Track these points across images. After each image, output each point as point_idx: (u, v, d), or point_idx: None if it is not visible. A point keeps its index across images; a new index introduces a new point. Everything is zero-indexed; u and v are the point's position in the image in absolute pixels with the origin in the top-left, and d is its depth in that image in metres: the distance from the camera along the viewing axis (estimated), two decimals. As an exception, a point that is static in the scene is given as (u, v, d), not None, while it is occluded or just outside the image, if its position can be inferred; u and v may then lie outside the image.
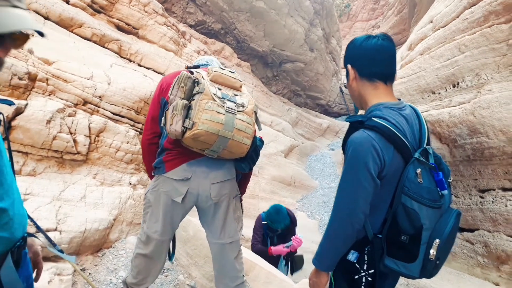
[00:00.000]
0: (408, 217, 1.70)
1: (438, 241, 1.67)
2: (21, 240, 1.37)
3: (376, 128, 1.68)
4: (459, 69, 2.51)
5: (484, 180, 2.37)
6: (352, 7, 29.38)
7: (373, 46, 1.82)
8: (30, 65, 4.25)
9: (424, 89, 2.90)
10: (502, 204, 2.20)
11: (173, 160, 2.60)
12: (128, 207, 4.82)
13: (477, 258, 2.39)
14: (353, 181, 1.74)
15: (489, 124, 2.18)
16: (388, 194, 1.76)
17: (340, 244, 1.82)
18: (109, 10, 7.63)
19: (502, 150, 2.15)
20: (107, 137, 5.04)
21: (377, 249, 1.79)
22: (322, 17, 14.37)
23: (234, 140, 2.43)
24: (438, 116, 2.60)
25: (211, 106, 2.38)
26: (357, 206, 1.72)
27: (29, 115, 3.97)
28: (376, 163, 1.69)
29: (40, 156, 4.17)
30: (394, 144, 1.70)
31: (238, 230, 2.92)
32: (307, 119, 15.67)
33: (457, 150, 2.49)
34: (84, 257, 4.08)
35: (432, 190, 1.71)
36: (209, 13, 11.59)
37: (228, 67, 9.33)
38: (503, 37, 2.21)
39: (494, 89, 2.22)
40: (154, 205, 2.70)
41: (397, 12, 21.57)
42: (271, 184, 10.02)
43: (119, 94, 5.44)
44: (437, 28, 2.97)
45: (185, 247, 4.34)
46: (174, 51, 8.66)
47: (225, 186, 2.70)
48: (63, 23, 6.34)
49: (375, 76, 1.82)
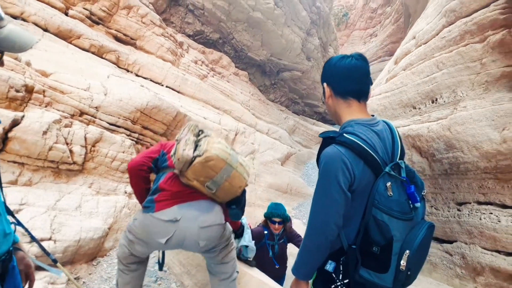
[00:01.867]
0: (379, 229, 1.76)
1: (408, 252, 1.71)
2: (6, 254, 1.42)
3: (346, 143, 1.75)
4: (437, 86, 2.60)
5: (461, 194, 2.45)
6: (350, 16, 29.61)
7: (346, 66, 1.89)
8: (27, 78, 4.35)
9: (406, 104, 2.99)
10: (477, 217, 2.27)
11: (165, 200, 2.65)
12: (123, 216, 4.89)
13: (456, 269, 2.47)
14: (325, 194, 1.80)
15: (464, 140, 2.27)
16: (360, 207, 1.82)
17: (315, 254, 1.88)
18: (107, 21, 7.76)
19: (476, 165, 2.24)
20: (103, 147, 5.12)
21: (352, 259, 1.84)
22: (319, 26, 14.53)
23: (237, 172, 2.57)
24: (418, 131, 2.68)
25: (221, 141, 2.62)
26: (329, 218, 1.78)
27: (26, 126, 4.06)
28: (346, 177, 1.75)
29: (36, 166, 4.25)
30: (364, 159, 1.77)
31: (233, 268, 3.03)
32: (304, 126, 15.75)
33: (436, 164, 2.58)
34: (79, 265, 4.14)
35: (402, 203, 1.77)
36: (207, 23, 11.74)
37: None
38: (477, 56, 2.31)
39: (468, 106, 2.31)
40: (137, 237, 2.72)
41: (394, 21, 21.76)
42: (268, 191, 10.07)
43: (116, 105, 5.53)
44: (419, 45, 3.07)
45: (178, 256, 4.40)
46: (172, 61, 8.78)
47: (214, 231, 2.73)
48: (61, 35, 6.45)
49: (348, 94, 1.90)
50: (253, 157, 4.05)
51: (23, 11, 5.82)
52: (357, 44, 28.45)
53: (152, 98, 6.20)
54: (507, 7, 2.22)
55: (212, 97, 9.77)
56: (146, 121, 6.05)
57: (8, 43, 1.22)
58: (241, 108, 11.20)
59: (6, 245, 1.44)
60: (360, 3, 29.47)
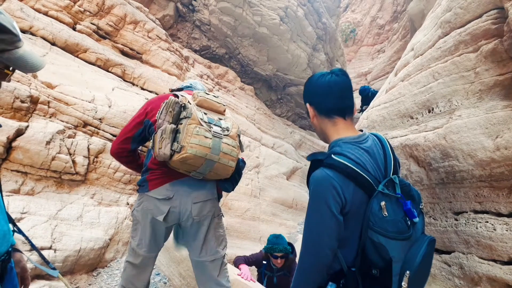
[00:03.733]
0: (377, 251, 1.70)
1: (409, 273, 1.63)
2: (5, 254, 1.45)
3: (334, 166, 1.70)
4: (433, 95, 2.61)
5: (457, 203, 2.43)
6: (357, 32, 29.77)
7: (327, 82, 1.86)
8: (33, 89, 4.44)
9: (403, 114, 2.99)
10: (474, 226, 2.25)
11: (156, 179, 2.69)
12: (124, 227, 4.90)
13: (454, 280, 2.43)
14: (316, 219, 1.75)
15: (459, 148, 2.26)
16: (356, 228, 1.75)
17: (311, 278, 1.81)
18: (114, 35, 7.90)
19: (471, 173, 2.23)
20: (106, 158, 5.17)
21: (351, 282, 1.77)
22: (325, 42, 14.63)
23: (221, 163, 2.55)
24: (415, 140, 2.68)
25: (199, 131, 2.50)
26: (322, 242, 1.72)
27: (29, 136, 4.13)
28: (336, 201, 1.69)
29: (39, 176, 4.30)
30: (354, 180, 1.71)
31: (220, 248, 2.97)
32: (310, 141, 15.73)
33: (433, 173, 2.56)
34: (79, 276, 4.14)
35: (398, 221, 1.71)
36: (214, 38, 11.91)
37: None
38: (471, 65, 2.32)
39: (463, 114, 2.31)
40: (140, 223, 2.79)
41: (402, 37, 21.83)
42: (272, 206, 10.02)
43: (119, 117, 5.60)
44: (417, 56, 3.09)
45: (178, 267, 4.39)
46: (177, 75, 8.88)
47: (206, 206, 2.78)
48: (68, 49, 6.58)
49: (332, 112, 1.86)
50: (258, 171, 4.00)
51: (31, 26, 5.96)
52: (365, 60, 28.53)
53: (156, 111, 6.26)
54: (499, 17, 2.23)
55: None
56: (149, 133, 6.10)
57: (21, 62, 1.32)
58: (246, 122, 11.25)
59: (6, 246, 1.47)
60: (368, 19, 29.67)
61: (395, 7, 27.28)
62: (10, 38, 1.28)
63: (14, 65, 1.32)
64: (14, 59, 1.30)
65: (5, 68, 1.31)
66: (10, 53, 1.29)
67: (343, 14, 28.56)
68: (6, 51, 1.28)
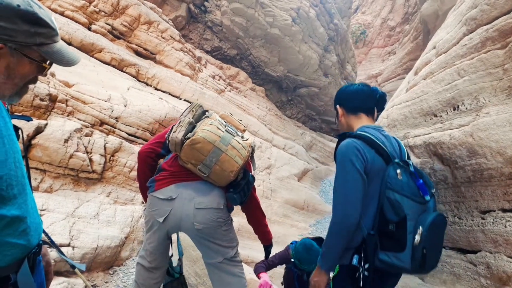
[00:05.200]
0: (393, 208, 1.95)
1: (421, 229, 1.89)
2: (36, 247, 1.46)
3: (358, 136, 2.06)
4: (458, 93, 2.57)
5: (484, 202, 2.39)
6: (368, 33, 29.66)
7: (354, 89, 2.35)
8: (52, 87, 4.48)
9: (426, 112, 2.95)
10: (502, 225, 2.21)
11: (163, 179, 2.68)
12: (140, 226, 4.91)
13: (480, 280, 2.39)
14: (342, 178, 2.05)
15: (487, 146, 2.22)
16: (375, 192, 2.03)
17: (340, 240, 2.04)
18: (128, 36, 7.96)
19: (500, 171, 2.19)
20: (122, 157, 5.19)
21: (371, 244, 2.00)
22: (336, 43, 14.58)
23: (227, 155, 2.53)
24: (439, 138, 2.64)
25: (213, 122, 2.60)
26: (348, 202, 1.99)
27: (48, 134, 4.16)
28: (359, 159, 2.00)
29: (57, 173, 4.33)
30: (375, 149, 2.05)
31: (230, 248, 2.91)
32: (321, 143, 15.68)
33: (458, 171, 2.53)
34: (95, 273, 4.16)
35: (412, 186, 2.00)
36: (225, 39, 11.93)
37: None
38: (499, 62, 2.28)
39: (491, 112, 2.27)
40: (150, 221, 2.81)
41: (413, 39, 21.68)
42: (284, 207, 9.99)
43: (135, 116, 5.63)
44: (440, 54, 3.05)
45: (194, 266, 4.38)
46: (190, 76, 8.91)
47: (210, 214, 2.66)
48: (84, 48, 6.64)
49: (357, 110, 2.29)
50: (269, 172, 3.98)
51: (49, 26, 6.02)
52: (375, 62, 28.41)
53: (170, 110, 6.29)
54: (529, 12, 2.20)
55: (229, 111, 9.84)
56: (164, 133, 6.12)
57: (58, 56, 1.34)
58: (257, 123, 11.24)
59: (37, 238, 1.48)
60: (378, 21, 29.55)
61: (406, 8, 27.11)
62: (48, 32, 1.30)
63: (51, 59, 1.33)
64: (52, 52, 1.32)
65: (43, 62, 1.32)
66: (49, 47, 1.31)
67: (354, 16, 28.44)
68: (44, 44, 1.29)
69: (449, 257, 2.74)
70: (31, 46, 1.26)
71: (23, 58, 1.26)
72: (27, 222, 1.36)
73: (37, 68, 1.34)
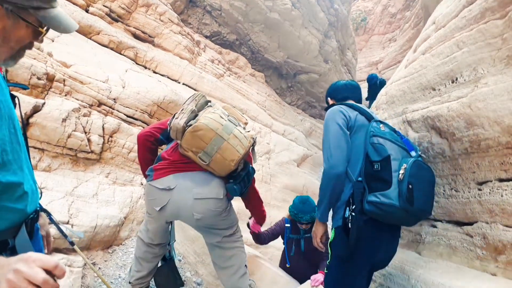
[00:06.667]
0: (376, 150, 2.15)
1: (405, 165, 2.08)
2: (34, 213, 1.48)
3: (343, 103, 2.48)
4: (457, 65, 2.56)
5: (481, 173, 2.39)
6: (368, 20, 29.40)
7: (343, 83, 2.81)
8: (49, 67, 4.45)
9: (425, 87, 2.94)
10: (498, 195, 2.21)
11: (162, 169, 2.70)
12: (139, 207, 4.93)
13: (476, 250, 2.40)
14: (328, 135, 2.31)
15: (485, 116, 2.21)
16: (360, 144, 2.27)
17: (330, 188, 2.25)
18: (126, 18, 7.89)
19: (497, 140, 2.18)
20: (120, 138, 5.19)
21: (358, 189, 2.18)
22: (337, 28, 14.46)
23: (229, 143, 2.54)
24: (437, 111, 2.64)
25: (216, 111, 2.62)
26: (334, 155, 2.23)
27: (46, 113, 4.15)
28: (342, 118, 2.31)
29: (55, 153, 4.33)
30: (358, 111, 2.40)
31: (230, 227, 2.97)
32: (321, 129, 15.59)
33: (456, 143, 2.52)
34: (95, 252, 4.18)
35: (395, 136, 2.26)
36: (224, 24, 11.82)
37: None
38: (498, 32, 2.26)
39: (489, 82, 2.25)
40: (148, 208, 2.85)
41: (414, 26, 21.52)
42: (283, 192, 10.02)
43: (133, 97, 5.61)
44: (439, 28, 3.02)
45: (193, 245, 4.42)
46: (189, 59, 8.86)
47: (209, 205, 2.69)
48: (81, 30, 6.59)
49: (347, 98, 2.67)
50: (269, 157, 3.96)
51: (46, 7, 5.96)
52: (376, 49, 28.21)
53: (169, 93, 6.27)
54: (528, -20, 2.17)
55: (228, 96, 9.81)
56: (162, 115, 6.10)
57: (55, 22, 1.31)
58: (257, 108, 11.21)
59: (34, 205, 1.49)
60: (379, 8, 29.26)
61: (407, -6, 26.85)
62: None
63: (48, 24, 1.31)
64: (49, 17, 1.29)
65: (39, 27, 1.30)
66: (46, 11, 1.28)
67: (354, 2, 28.15)
68: (41, 8, 1.27)
69: (446, 230, 2.75)
70: (28, 9, 1.24)
71: (19, 21, 1.24)
72: (24, 188, 1.36)
73: (33, 33, 1.31)
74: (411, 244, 3.22)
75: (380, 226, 2.22)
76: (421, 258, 2.90)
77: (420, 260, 2.87)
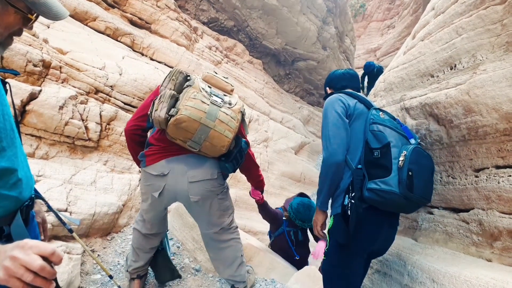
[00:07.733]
0: (376, 138, 2.16)
1: (405, 152, 2.09)
2: (28, 200, 1.47)
3: (342, 92, 2.49)
4: (456, 51, 2.54)
5: (479, 160, 2.40)
6: (367, 7, 29.17)
7: (341, 72, 2.80)
8: (45, 53, 4.41)
9: (423, 73, 2.93)
10: (495, 182, 2.22)
11: (153, 155, 2.65)
12: (137, 194, 4.93)
13: (472, 237, 2.42)
14: (326, 123, 2.32)
15: (483, 103, 2.21)
16: (359, 131, 2.27)
17: (329, 176, 2.26)
18: (122, 4, 7.80)
19: (495, 127, 2.19)
20: (118, 125, 5.17)
21: (358, 176, 2.19)
22: (335, 15, 14.34)
23: (216, 131, 2.45)
24: (435, 98, 2.63)
25: (196, 95, 2.45)
26: (332, 143, 2.24)
27: (43, 100, 4.12)
28: (341, 106, 2.32)
29: (52, 140, 4.31)
30: (357, 98, 2.40)
31: (226, 217, 2.97)
32: (319, 117, 15.63)
33: (453, 130, 2.52)
34: (94, 239, 4.20)
35: (394, 124, 2.27)
36: (222, 10, 11.70)
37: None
38: (498, 17, 2.24)
39: (488, 68, 2.24)
40: (146, 194, 2.83)
41: (413, 12, 21.37)
42: (281, 179, 10.06)
43: (130, 85, 5.57)
44: (438, 14, 3.00)
45: (191, 232, 4.43)
46: (186, 46, 8.79)
47: (205, 186, 2.69)
48: (78, 16, 6.51)
49: (345, 87, 2.67)
50: (267, 145, 3.96)
51: (40, -8, 5.88)
52: (374, 36, 28.05)
53: (166, 80, 6.22)
54: (529, -34, 2.15)
55: (226, 83, 9.76)
56: (160, 103, 6.06)
57: (44, 8, 1.27)
58: (254, 95, 11.17)
59: (29, 192, 1.48)
60: (378, -6, 29.02)
61: (407, -20, 26.58)
62: None
63: (37, 10, 1.26)
64: (39, 3, 1.25)
65: (28, 13, 1.26)
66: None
67: (353, -12, 27.89)
68: None
69: (442, 217, 2.77)
70: None
71: (8, 7, 1.20)
72: (18, 175, 1.35)
73: (22, 20, 1.27)
74: (408, 230, 3.24)
75: (379, 214, 2.23)
76: (417, 245, 2.92)
77: (416, 246, 2.90)
